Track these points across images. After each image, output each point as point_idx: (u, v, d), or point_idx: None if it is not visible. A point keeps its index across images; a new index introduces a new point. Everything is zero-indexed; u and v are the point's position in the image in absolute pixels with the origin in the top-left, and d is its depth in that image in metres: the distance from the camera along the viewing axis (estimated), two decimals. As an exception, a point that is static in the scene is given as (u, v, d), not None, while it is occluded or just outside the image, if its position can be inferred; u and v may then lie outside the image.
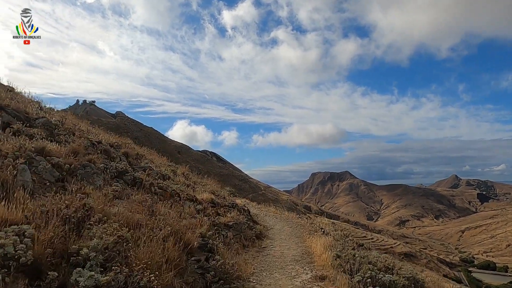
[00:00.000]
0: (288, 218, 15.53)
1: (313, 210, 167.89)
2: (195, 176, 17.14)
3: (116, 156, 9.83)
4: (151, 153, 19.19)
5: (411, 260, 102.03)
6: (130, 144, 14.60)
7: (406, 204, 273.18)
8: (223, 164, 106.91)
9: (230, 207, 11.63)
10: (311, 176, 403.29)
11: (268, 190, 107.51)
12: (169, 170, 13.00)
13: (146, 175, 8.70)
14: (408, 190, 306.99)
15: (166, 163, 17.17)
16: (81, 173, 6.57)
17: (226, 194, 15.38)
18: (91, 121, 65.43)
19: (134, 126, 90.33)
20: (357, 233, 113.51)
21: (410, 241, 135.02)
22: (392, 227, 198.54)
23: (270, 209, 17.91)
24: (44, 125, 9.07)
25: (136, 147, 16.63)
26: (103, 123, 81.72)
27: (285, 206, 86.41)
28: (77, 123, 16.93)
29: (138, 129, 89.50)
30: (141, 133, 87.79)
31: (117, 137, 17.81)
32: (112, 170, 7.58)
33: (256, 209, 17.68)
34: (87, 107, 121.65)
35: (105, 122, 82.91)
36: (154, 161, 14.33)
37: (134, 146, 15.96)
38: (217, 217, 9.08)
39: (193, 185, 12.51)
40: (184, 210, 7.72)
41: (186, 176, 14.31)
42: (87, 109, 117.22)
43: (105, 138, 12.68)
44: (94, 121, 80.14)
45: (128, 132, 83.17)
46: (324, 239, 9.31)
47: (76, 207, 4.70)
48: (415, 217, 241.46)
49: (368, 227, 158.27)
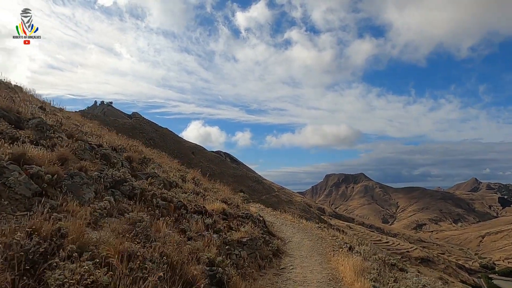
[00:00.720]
0: (306, 228, 14.26)
1: (327, 212, 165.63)
2: (206, 181, 16.02)
3: (118, 161, 8.78)
4: (161, 156, 18.26)
5: (428, 265, 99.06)
6: (137, 147, 13.58)
7: (423, 207, 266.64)
8: (237, 165, 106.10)
9: (244, 218, 10.44)
10: (325, 178, 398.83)
11: (281, 192, 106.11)
12: (178, 176, 11.92)
13: (148, 184, 7.60)
14: (425, 193, 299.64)
15: (176, 167, 16.14)
16: (67, 184, 5.50)
17: (239, 201, 14.22)
18: (107, 122, 65.26)
19: (150, 127, 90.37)
20: (372, 236, 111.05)
21: (427, 246, 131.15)
22: (408, 230, 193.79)
23: (286, 216, 16.66)
24: (37, 126, 8.08)
25: (144, 150, 15.66)
26: (119, 123, 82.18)
27: (298, 208, 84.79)
28: (83, 123, 16.11)
29: (153, 130, 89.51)
30: (156, 134, 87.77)
31: (125, 139, 16.92)
32: (107, 179, 6.50)
33: (272, 216, 16.49)
34: (105, 108, 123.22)
35: (121, 123, 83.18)
36: (162, 166, 13.30)
37: (142, 148, 14.98)
38: (229, 233, 7.90)
39: (203, 192, 11.35)
40: (190, 227, 6.58)
41: (196, 182, 13.21)
42: (105, 110, 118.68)
43: (110, 140, 11.72)
44: (111, 121, 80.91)
45: (143, 133, 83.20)
46: (353, 259, 8.03)
47: (45, 234, 3.60)
48: (432, 221, 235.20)
49: (384, 230, 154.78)
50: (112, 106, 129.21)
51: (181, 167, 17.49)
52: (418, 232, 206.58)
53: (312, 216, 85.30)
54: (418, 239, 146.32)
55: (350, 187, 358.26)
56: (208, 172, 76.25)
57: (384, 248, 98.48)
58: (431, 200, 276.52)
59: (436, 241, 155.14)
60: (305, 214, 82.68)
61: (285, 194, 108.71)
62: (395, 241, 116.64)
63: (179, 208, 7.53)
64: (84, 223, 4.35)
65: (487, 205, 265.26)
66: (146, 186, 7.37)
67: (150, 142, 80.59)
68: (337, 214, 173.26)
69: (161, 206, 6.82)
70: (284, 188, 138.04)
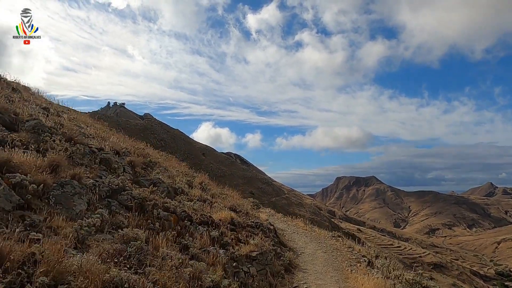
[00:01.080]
0: (320, 237, 13.47)
1: (337, 215, 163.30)
2: (214, 186, 15.37)
3: (119, 166, 8.19)
4: (169, 158, 17.69)
5: (442, 271, 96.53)
6: (143, 150, 13.01)
7: (436, 212, 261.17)
8: (247, 167, 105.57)
9: (253, 227, 9.75)
10: (335, 180, 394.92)
11: (291, 194, 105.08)
12: (184, 181, 11.29)
13: (149, 192, 6.98)
14: (438, 197, 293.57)
15: (184, 170, 15.53)
16: (56, 195, 4.90)
17: (248, 207, 13.54)
18: (119, 123, 65.58)
19: (161, 128, 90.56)
20: (384, 241, 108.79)
21: (440, 251, 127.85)
22: (420, 235, 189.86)
23: (298, 223, 15.87)
24: (34, 128, 7.56)
25: (151, 153, 15.10)
26: (131, 124, 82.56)
27: (309, 210, 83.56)
28: (90, 125, 15.66)
29: (164, 131, 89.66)
30: (167, 135, 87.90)
31: (132, 141, 16.42)
32: (104, 188, 5.90)
33: (282, 223, 15.74)
34: (117, 109, 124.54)
35: (133, 124, 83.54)
36: (169, 170, 12.70)
37: (148, 151, 14.41)
38: (237, 247, 7.22)
39: (210, 199, 10.72)
40: (194, 242, 5.92)
41: (204, 187, 12.57)
42: (117, 111, 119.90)
43: (115, 143, 11.18)
44: (123, 122, 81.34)
45: (154, 134, 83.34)
46: (374, 279, 7.25)
47: (15, 260, 2.98)
48: (445, 226, 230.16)
49: (395, 235, 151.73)
50: (125, 107, 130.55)
51: (189, 170, 16.88)
52: (431, 237, 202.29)
53: (322, 219, 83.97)
54: (431, 244, 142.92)
55: (361, 190, 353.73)
56: (218, 174, 76.09)
57: (396, 252, 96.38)
58: (444, 205, 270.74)
59: (450, 247, 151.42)
60: (315, 217, 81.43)
61: (295, 196, 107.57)
62: (407, 245, 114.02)
63: (183, 219, 6.89)
64: (67, 243, 3.72)
65: (503, 210, 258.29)
66: (147, 195, 6.75)
67: (161, 143, 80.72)
68: (347, 217, 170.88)
69: (162, 217, 6.18)
70: (294, 190, 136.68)
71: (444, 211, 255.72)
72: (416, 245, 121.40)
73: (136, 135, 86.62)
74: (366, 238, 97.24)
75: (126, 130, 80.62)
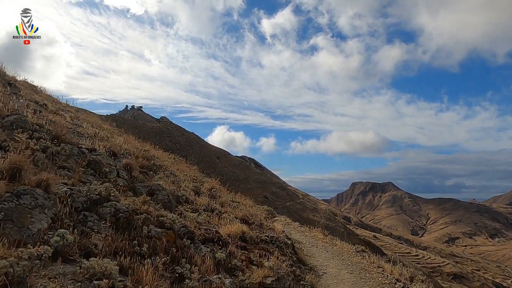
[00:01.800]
0: (342, 252, 11.95)
1: (352, 221, 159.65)
2: (225, 192, 14.06)
3: (112, 169, 6.97)
4: (178, 162, 16.54)
5: (462, 282, 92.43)
6: (147, 152, 11.79)
7: (456, 220, 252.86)
8: (261, 171, 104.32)
9: (268, 243, 8.38)
10: (351, 186, 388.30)
11: (306, 199, 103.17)
12: (191, 187, 10.06)
13: (142, 203, 5.70)
14: (458, 205, 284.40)
15: (193, 175, 14.29)
16: (8, 208, 3.66)
17: (262, 216, 12.17)
18: (136, 126, 66.68)
19: (177, 131, 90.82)
20: (401, 249, 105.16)
21: (461, 261, 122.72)
22: (439, 244, 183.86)
23: (317, 235, 14.38)
24: (12, 124, 6.44)
25: (159, 155, 13.95)
26: (147, 127, 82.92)
27: (323, 216, 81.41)
28: (95, 125, 14.61)
29: (180, 134, 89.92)
30: (182, 138, 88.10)
31: (140, 143, 15.34)
32: (80, 198, 4.65)
33: (299, 234, 14.33)
34: (135, 112, 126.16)
35: (149, 127, 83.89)
36: (176, 174, 11.48)
37: (155, 153, 13.25)
38: (249, 271, 5.85)
39: (219, 208, 9.44)
40: (192, 272, 4.56)
41: (213, 194, 11.28)
42: (135, 114, 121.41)
43: (116, 144, 10.05)
44: (139, 125, 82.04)
45: (170, 137, 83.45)
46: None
47: None
48: (466, 234, 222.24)
49: (413, 243, 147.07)
50: (142, 111, 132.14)
51: (199, 175, 15.65)
52: (451, 246, 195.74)
53: (337, 225, 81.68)
54: (451, 253, 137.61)
55: (377, 196, 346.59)
56: (232, 177, 75.24)
57: (414, 261, 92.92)
58: (465, 213, 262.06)
59: (471, 257, 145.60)
60: (330, 223, 79.26)
61: (310, 201, 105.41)
62: (425, 254, 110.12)
63: (182, 236, 5.57)
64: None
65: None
66: (139, 206, 5.46)
67: (176, 146, 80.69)
68: (363, 224, 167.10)
69: (154, 236, 4.87)
70: (308, 195, 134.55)
71: (465, 219, 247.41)
72: (435, 254, 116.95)
73: (152, 138, 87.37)
74: (383, 246, 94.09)
75: (142, 133, 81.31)
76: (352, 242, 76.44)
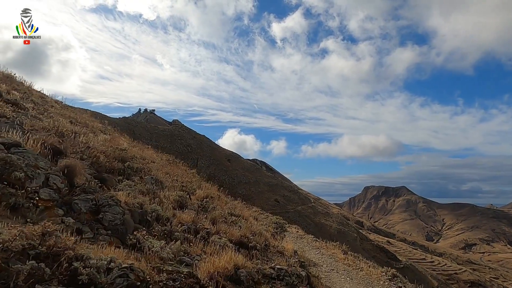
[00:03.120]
0: (371, 279, 9.38)
1: (365, 226, 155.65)
2: (223, 202, 11.53)
3: (37, 174, 4.60)
4: (172, 164, 14.21)
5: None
6: (120, 151, 9.21)
7: (473, 226, 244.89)
8: (273, 174, 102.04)
9: (274, 279, 5.88)
10: (363, 190, 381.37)
11: (317, 203, 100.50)
12: (173, 198, 7.59)
13: (41, 235, 3.25)
14: (475, 211, 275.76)
15: (187, 179, 11.87)
16: None
17: (269, 234, 9.63)
18: (148, 128, 66.83)
19: (188, 134, 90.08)
20: (415, 255, 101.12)
21: (478, 268, 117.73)
22: (455, 250, 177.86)
23: (335, 252, 11.84)
24: None
25: (146, 154, 11.61)
26: (159, 130, 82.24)
27: (335, 220, 78.45)
28: (71, 117, 12.39)
29: (191, 137, 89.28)
30: (194, 141, 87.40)
31: (120, 139, 13.06)
32: None
33: (314, 250, 11.92)
34: (148, 115, 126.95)
35: (161, 129, 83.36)
36: (161, 179, 9.08)
37: (133, 151, 10.85)
38: None
39: (209, 227, 6.92)
40: None
41: (204, 206, 8.77)
42: (147, 117, 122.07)
43: (55, 140, 7.63)
44: (151, 128, 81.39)
45: (181, 140, 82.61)
46: None
47: None
48: (484, 241, 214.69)
49: (428, 249, 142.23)
50: (155, 114, 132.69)
51: (196, 179, 13.26)
52: (467, 252, 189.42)
53: (350, 230, 78.62)
54: (467, 260, 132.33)
55: (390, 201, 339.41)
56: (243, 180, 73.02)
57: (429, 268, 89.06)
58: (482, 218, 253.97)
59: (489, 264, 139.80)
60: (343, 228, 76.25)
61: (322, 205, 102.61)
62: (441, 261, 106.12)
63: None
64: None
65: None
66: (36, 240, 3.02)
67: (187, 148, 79.79)
68: (376, 229, 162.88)
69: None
70: (320, 198, 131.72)
71: (482, 225, 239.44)
72: (451, 261, 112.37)
73: (163, 141, 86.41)
74: (396, 251, 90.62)
75: (154, 135, 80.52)
76: (366, 247, 73.08)
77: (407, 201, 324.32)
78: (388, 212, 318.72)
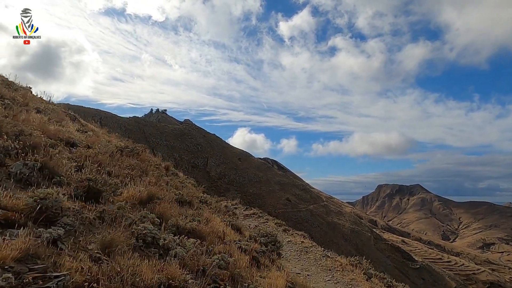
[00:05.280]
0: None
1: (379, 225, 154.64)
2: (226, 202, 9.21)
3: None
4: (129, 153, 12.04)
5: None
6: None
7: (491, 224, 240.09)
8: (284, 173, 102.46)
9: None
10: (377, 188, 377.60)
11: (330, 201, 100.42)
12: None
13: None
14: (493, 209, 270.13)
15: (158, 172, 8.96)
16: None
17: (253, 252, 5.72)
18: (158, 128, 68.91)
19: (198, 133, 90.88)
20: (431, 254, 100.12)
21: (497, 269, 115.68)
22: (473, 250, 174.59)
23: (356, 278, 9.16)
24: None
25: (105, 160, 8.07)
26: (169, 129, 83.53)
27: (349, 220, 78.57)
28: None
29: (201, 136, 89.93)
30: (204, 140, 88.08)
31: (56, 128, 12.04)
32: None
33: (324, 274, 9.23)
34: (159, 115, 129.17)
35: (171, 129, 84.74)
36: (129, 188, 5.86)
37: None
38: None
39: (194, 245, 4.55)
40: None
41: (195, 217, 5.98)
42: (159, 117, 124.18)
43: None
44: (161, 127, 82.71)
45: (191, 138, 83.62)
46: None
47: None
48: (503, 240, 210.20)
49: (444, 248, 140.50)
50: (166, 114, 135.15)
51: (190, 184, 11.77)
52: (485, 252, 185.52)
53: (364, 229, 78.67)
54: (486, 260, 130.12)
55: (404, 199, 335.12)
56: (253, 179, 73.82)
57: (446, 268, 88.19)
58: (500, 217, 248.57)
59: (508, 264, 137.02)
60: (356, 227, 76.38)
61: (334, 204, 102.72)
62: (458, 260, 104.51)
63: None
64: None
65: None
66: None
67: (197, 147, 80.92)
68: (390, 228, 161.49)
69: None
70: (332, 197, 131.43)
71: (500, 224, 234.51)
72: (468, 261, 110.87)
73: (173, 139, 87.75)
74: (412, 251, 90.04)
75: (164, 134, 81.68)
76: (380, 247, 71.87)
77: (422, 199, 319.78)
78: (402, 210, 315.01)
